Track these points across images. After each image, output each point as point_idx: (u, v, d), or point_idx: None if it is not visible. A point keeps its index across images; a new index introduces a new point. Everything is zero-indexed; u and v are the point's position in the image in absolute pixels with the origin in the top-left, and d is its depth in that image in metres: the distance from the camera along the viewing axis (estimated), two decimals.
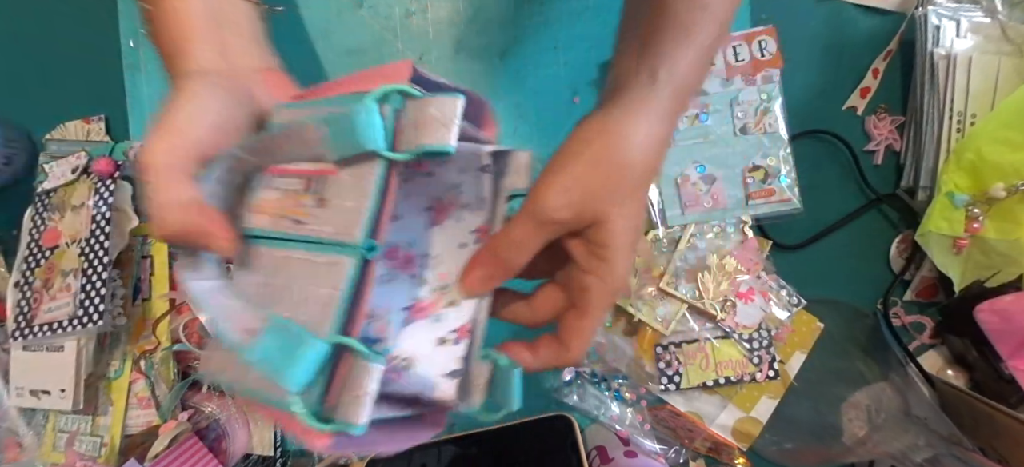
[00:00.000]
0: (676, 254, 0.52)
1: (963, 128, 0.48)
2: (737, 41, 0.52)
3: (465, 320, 0.34)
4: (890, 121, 0.53)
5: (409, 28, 0.56)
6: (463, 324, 0.33)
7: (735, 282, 0.51)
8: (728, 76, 0.52)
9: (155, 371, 0.57)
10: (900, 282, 0.54)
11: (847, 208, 0.54)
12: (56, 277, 0.56)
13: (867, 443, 0.51)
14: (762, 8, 0.53)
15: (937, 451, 0.47)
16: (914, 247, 0.52)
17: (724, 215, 0.53)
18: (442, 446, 0.55)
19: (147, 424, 0.58)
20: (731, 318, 0.51)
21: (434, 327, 0.33)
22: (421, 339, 0.33)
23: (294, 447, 0.60)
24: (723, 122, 0.53)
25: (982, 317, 0.47)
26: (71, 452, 0.58)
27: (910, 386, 0.52)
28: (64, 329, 0.54)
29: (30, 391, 0.58)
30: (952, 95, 0.48)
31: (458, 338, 0.33)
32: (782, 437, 0.53)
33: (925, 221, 0.47)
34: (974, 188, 0.46)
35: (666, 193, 0.53)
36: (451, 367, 0.33)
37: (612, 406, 0.55)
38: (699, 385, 0.52)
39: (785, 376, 0.52)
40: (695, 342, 0.52)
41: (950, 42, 0.48)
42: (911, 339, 0.54)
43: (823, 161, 0.54)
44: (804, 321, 0.52)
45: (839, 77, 0.53)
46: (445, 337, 0.33)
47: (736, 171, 0.53)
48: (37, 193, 0.59)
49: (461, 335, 0.33)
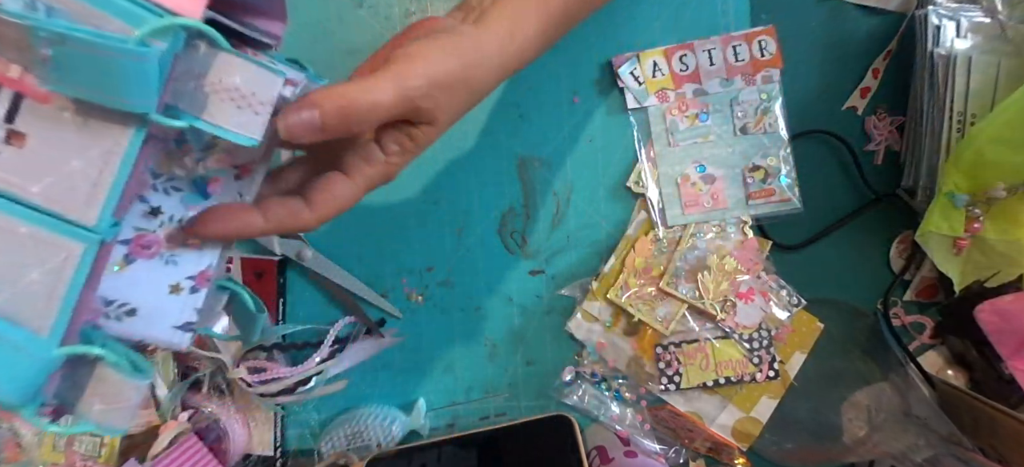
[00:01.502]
0: (676, 254, 0.53)
1: (963, 128, 0.48)
2: (737, 41, 0.52)
3: (205, 265, 0.28)
4: (890, 121, 0.53)
5: None
6: (202, 270, 0.27)
7: (735, 282, 0.51)
8: (728, 76, 0.52)
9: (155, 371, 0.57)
10: (900, 282, 0.54)
11: (847, 208, 0.54)
12: None
13: (867, 443, 0.51)
14: (762, 8, 0.53)
15: (937, 451, 0.47)
16: (914, 247, 0.52)
17: (724, 215, 0.53)
18: (442, 446, 0.55)
19: (147, 424, 0.58)
20: (731, 318, 0.51)
21: (165, 271, 0.27)
22: (149, 283, 0.26)
23: (294, 447, 0.60)
24: (723, 122, 0.53)
25: (982, 317, 0.47)
26: (71, 452, 0.58)
27: (910, 386, 0.52)
28: None
29: None
30: (952, 95, 0.48)
31: (196, 286, 0.27)
32: (782, 437, 0.53)
33: (925, 221, 0.47)
34: (974, 188, 0.46)
35: (666, 193, 0.53)
36: (184, 319, 0.27)
37: (612, 406, 0.55)
38: (699, 385, 0.52)
39: (785, 376, 0.52)
40: (695, 342, 0.52)
41: (950, 42, 0.48)
42: (911, 339, 0.54)
43: (823, 161, 0.54)
44: (804, 321, 0.52)
45: (839, 77, 0.53)
46: (180, 284, 0.27)
47: (736, 171, 0.53)
48: None
49: (200, 282, 0.27)
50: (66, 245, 0.20)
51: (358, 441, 0.57)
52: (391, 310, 0.57)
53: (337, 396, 0.58)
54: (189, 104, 0.22)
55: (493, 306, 0.57)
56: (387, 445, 0.57)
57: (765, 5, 0.53)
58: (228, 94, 0.22)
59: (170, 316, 0.27)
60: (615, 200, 0.55)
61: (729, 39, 0.52)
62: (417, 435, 0.59)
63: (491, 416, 0.58)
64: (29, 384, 0.20)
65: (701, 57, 0.53)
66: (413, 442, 0.57)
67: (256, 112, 0.23)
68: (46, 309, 0.21)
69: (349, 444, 0.57)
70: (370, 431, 0.57)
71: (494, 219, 0.57)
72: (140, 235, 0.26)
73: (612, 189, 0.55)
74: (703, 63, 0.53)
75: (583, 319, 0.55)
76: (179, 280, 0.27)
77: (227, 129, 0.23)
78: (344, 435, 0.57)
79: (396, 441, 0.57)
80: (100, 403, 0.23)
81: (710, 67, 0.53)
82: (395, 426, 0.57)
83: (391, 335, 0.57)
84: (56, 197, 0.20)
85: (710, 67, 0.53)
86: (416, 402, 0.58)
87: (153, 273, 0.26)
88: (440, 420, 0.59)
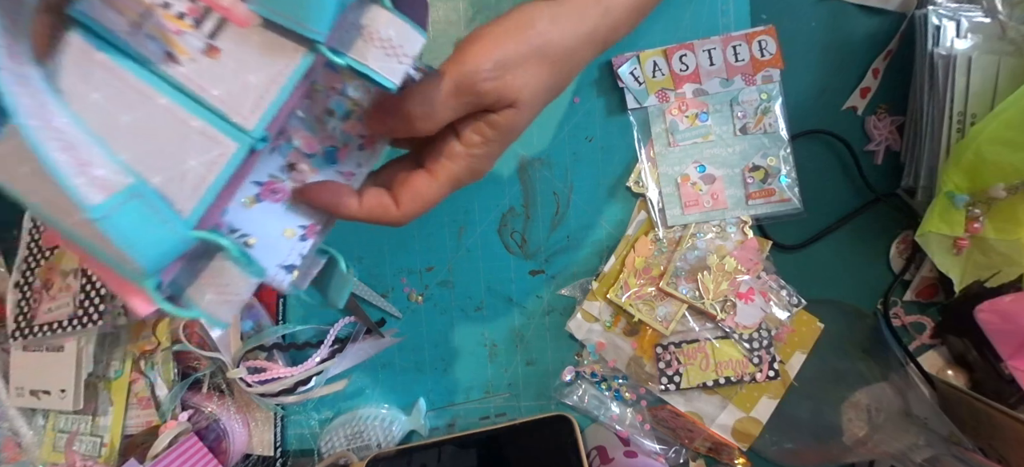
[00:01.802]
0: (676, 254, 0.53)
1: (963, 128, 0.47)
2: (737, 41, 0.52)
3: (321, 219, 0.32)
4: (890, 121, 0.53)
5: None
6: (313, 223, 0.32)
7: (735, 282, 0.51)
8: (728, 76, 0.52)
9: (155, 371, 0.57)
10: (900, 282, 0.54)
11: (847, 208, 0.54)
12: (56, 277, 0.56)
13: (867, 443, 0.51)
14: (762, 8, 0.53)
15: (937, 451, 0.47)
16: (914, 247, 0.52)
17: (724, 215, 0.53)
18: (442, 446, 0.55)
19: (147, 424, 0.58)
20: (731, 318, 0.51)
21: (286, 216, 0.31)
22: (268, 223, 0.30)
23: (294, 447, 0.60)
24: (723, 122, 0.53)
25: (982, 317, 0.47)
26: (71, 452, 0.58)
27: (910, 386, 0.52)
28: (64, 329, 0.54)
29: (30, 391, 0.58)
30: (952, 95, 0.47)
31: (306, 235, 0.31)
32: (782, 437, 0.53)
33: (925, 221, 0.47)
34: (974, 188, 0.45)
35: (666, 193, 0.53)
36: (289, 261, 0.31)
37: (612, 406, 0.55)
38: (699, 385, 0.52)
39: (785, 376, 0.52)
40: (695, 342, 0.52)
41: (950, 42, 0.48)
42: (911, 339, 0.54)
43: (823, 161, 0.54)
44: (804, 321, 0.52)
45: (839, 77, 0.53)
46: (294, 230, 0.31)
47: (736, 171, 0.53)
48: None
49: (309, 233, 0.31)
50: (225, 142, 0.24)
51: (358, 441, 0.57)
52: (391, 310, 0.57)
53: (337, 396, 0.58)
54: (347, 47, 0.26)
55: (493, 306, 0.57)
56: (387, 445, 0.57)
57: (765, 5, 0.53)
58: (380, 43, 0.26)
59: (279, 255, 0.30)
60: (615, 200, 0.55)
61: (729, 39, 0.52)
62: (417, 435, 0.59)
63: (491, 416, 0.58)
64: (165, 255, 0.23)
65: (701, 57, 0.53)
66: (413, 442, 0.57)
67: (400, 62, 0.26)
68: (193, 194, 0.24)
69: (349, 444, 0.57)
70: (370, 431, 0.57)
71: (494, 219, 0.57)
72: (272, 182, 0.31)
73: (612, 189, 0.55)
74: (703, 63, 0.53)
75: (583, 319, 0.55)
76: (293, 226, 0.31)
77: (375, 71, 0.26)
78: (344, 435, 0.57)
79: (396, 441, 0.57)
80: (213, 293, 0.26)
81: (710, 67, 0.53)
82: (395, 426, 0.57)
83: (391, 335, 0.57)
84: (229, 102, 0.24)
85: (710, 67, 0.53)
86: (416, 402, 0.58)
87: (274, 215, 0.30)
88: (440, 420, 0.59)
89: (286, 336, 0.57)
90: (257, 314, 0.56)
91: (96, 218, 0.22)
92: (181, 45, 0.24)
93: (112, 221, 0.22)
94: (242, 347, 0.54)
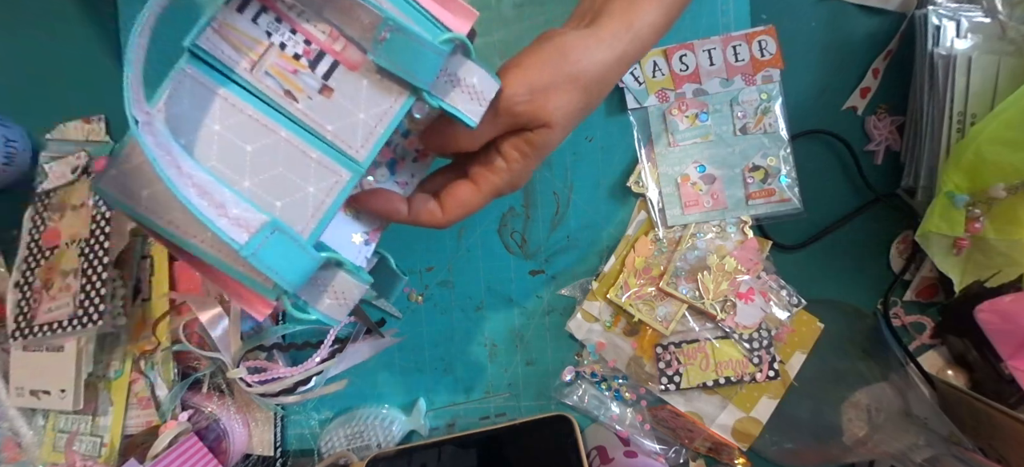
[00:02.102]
0: (676, 254, 0.53)
1: (963, 128, 0.47)
2: (737, 41, 0.52)
3: (376, 225, 0.35)
4: (890, 121, 0.53)
5: None
6: (375, 228, 0.35)
7: (735, 282, 0.51)
8: (728, 76, 0.52)
9: (155, 371, 0.57)
10: (900, 282, 0.54)
11: (847, 208, 0.54)
12: (56, 277, 0.56)
13: (867, 443, 0.51)
14: (762, 8, 0.53)
15: (937, 451, 0.47)
16: (914, 247, 0.52)
17: (724, 215, 0.53)
18: (442, 446, 0.55)
19: (147, 424, 0.58)
20: (731, 318, 0.51)
21: (354, 224, 0.35)
22: (341, 231, 0.34)
23: (294, 447, 0.60)
24: (723, 122, 0.53)
25: (982, 317, 0.47)
26: (71, 452, 0.58)
27: (910, 386, 0.52)
28: (64, 329, 0.54)
29: (30, 391, 0.58)
30: (952, 95, 0.47)
31: (369, 240, 0.35)
32: (782, 437, 0.53)
33: (925, 221, 0.47)
34: (974, 188, 0.45)
35: (666, 193, 0.53)
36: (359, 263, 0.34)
37: (612, 406, 0.55)
38: (699, 385, 0.52)
39: (785, 376, 0.52)
40: (695, 342, 0.52)
41: (950, 42, 0.48)
42: (911, 339, 0.54)
43: (823, 161, 0.54)
44: (804, 321, 0.52)
45: (839, 77, 0.53)
46: (360, 236, 0.35)
47: (736, 171, 0.53)
48: (37, 193, 0.59)
49: (371, 238, 0.35)
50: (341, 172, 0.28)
51: (358, 441, 0.57)
52: (391, 310, 0.57)
53: (337, 396, 0.58)
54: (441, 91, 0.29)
55: (493, 306, 0.57)
56: (387, 445, 0.57)
57: (765, 5, 0.53)
58: (467, 89, 0.30)
59: (354, 259, 0.33)
60: (615, 200, 0.55)
61: (729, 39, 0.52)
62: (417, 435, 0.59)
63: (491, 416, 0.58)
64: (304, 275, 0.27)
65: (701, 57, 0.53)
66: (413, 442, 0.57)
67: (479, 104, 0.30)
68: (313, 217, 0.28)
69: (349, 444, 0.57)
70: (370, 431, 0.57)
71: (494, 219, 0.57)
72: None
73: (612, 189, 0.55)
74: (703, 63, 0.53)
75: (583, 319, 0.55)
76: (359, 233, 0.34)
77: (462, 112, 0.30)
78: (344, 435, 0.57)
79: (396, 441, 0.57)
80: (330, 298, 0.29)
81: (710, 67, 0.53)
82: (395, 426, 0.57)
83: (391, 335, 0.57)
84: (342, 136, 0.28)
85: (710, 67, 0.53)
86: (416, 402, 0.58)
87: (344, 224, 0.34)
88: (440, 420, 0.59)
89: (286, 336, 0.57)
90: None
91: (248, 255, 0.25)
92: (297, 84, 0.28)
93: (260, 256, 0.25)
94: (242, 347, 0.54)
